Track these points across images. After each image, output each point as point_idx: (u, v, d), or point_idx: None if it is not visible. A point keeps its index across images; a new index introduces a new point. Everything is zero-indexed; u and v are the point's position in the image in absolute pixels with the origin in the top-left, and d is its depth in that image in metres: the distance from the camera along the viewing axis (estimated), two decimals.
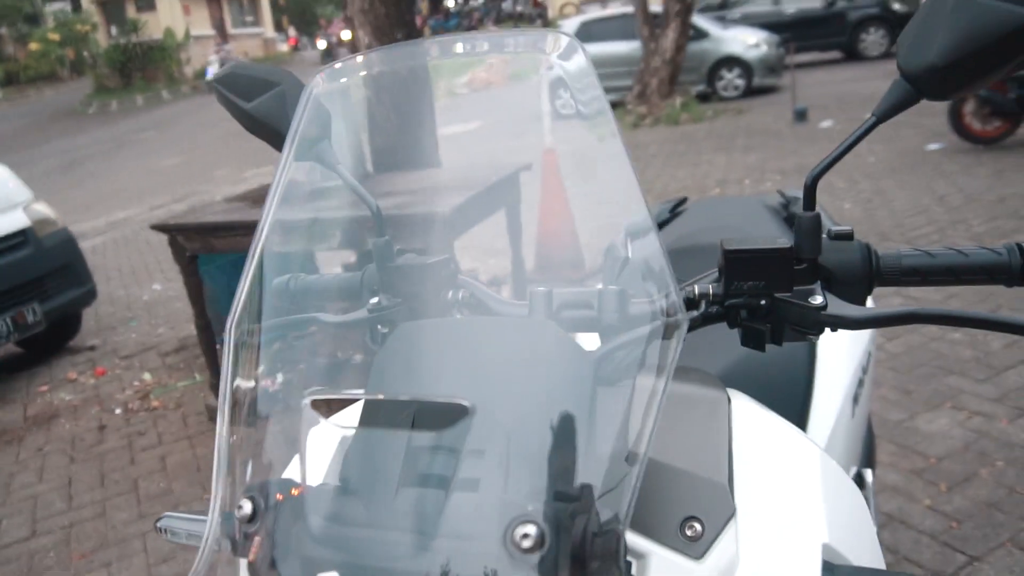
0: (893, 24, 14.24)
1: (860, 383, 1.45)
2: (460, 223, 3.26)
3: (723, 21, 13.54)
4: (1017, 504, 2.36)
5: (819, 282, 0.77)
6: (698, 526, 0.62)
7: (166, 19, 27.67)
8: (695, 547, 0.62)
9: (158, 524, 0.85)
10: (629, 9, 13.17)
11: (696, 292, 0.81)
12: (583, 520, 0.50)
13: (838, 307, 0.75)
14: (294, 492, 0.59)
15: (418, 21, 10.80)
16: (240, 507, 0.57)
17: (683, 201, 2.03)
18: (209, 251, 3.48)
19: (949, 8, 0.66)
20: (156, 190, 10.61)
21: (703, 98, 12.07)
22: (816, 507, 0.68)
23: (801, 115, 9.20)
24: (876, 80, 12.08)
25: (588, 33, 12.40)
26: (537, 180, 4.81)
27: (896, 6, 14.79)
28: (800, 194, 0.80)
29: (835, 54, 14.88)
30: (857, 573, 0.63)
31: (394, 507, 0.56)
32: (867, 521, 0.76)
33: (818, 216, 0.76)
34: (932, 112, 8.42)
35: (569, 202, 5.03)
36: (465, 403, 0.56)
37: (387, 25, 3.92)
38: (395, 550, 0.54)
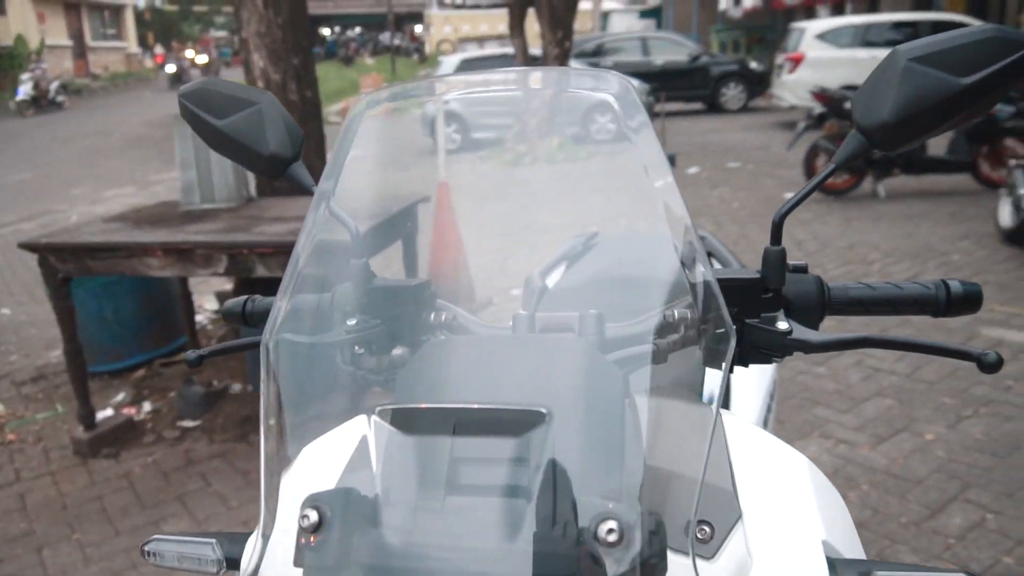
0: (751, 80, 15.35)
1: (768, 409, 1.56)
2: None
3: (596, 68, 14.13)
4: (881, 523, 2.57)
5: (782, 310, 0.85)
6: (708, 529, 0.67)
7: (17, 25, 25.83)
8: (706, 548, 0.66)
9: (145, 548, 0.81)
10: (507, 50, 13.54)
11: (675, 316, 0.87)
12: (647, 520, 0.54)
13: (801, 332, 0.83)
14: (362, 501, 0.59)
15: None
16: (306, 516, 0.57)
17: (595, 235, 2.12)
18: (84, 273, 3.27)
19: (898, 75, 0.77)
20: (1, 207, 9.82)
21: (576, 140, 12.51)
22: (811, 508, 0.74)
23: (671, 160, 9.67)
24: (735, 132, 12.96)
25: (468, 70, 12.63)
26: (431, 212, 4.84)
27: (753, 65, 15.96)
28: (705, 233, 0.90)
29: (698, 105, 15.83)
30: (857, 564, 0.69)
31: (469, 512, 0.57)
32: (849, 519, 0.83)
33: (783, 251, 0.84)
34: (788, 165, 9.12)
35: (461, 234, 5.09)
36: (542, 410, 0.58)
37: (283, 50, 3.86)
38: (477, 555, 0.55)
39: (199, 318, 4.70)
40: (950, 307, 0.87)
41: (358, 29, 37.14)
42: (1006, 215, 5.79)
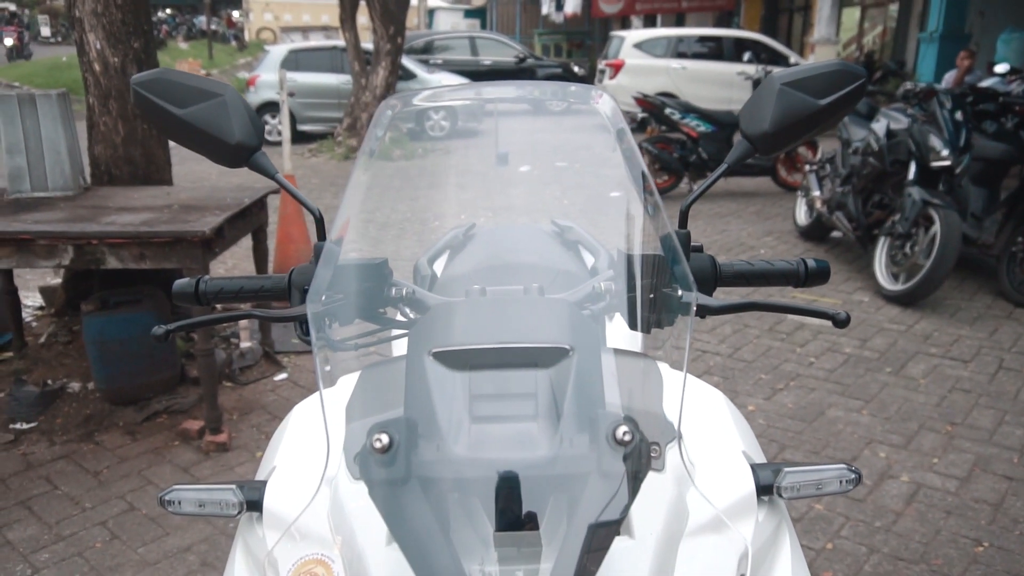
0: (574, 82, 16.03)
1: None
2: (218, 244, 3.18)
3: (427, 65, 14.25)
4: None
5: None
6: (656, 447, 0.84)
7: None
8: (656, 463, 0.84)
9: (165, 497, 0.87)
10: (336, 42, 13.35)
11: (602, 287, 1.05)
12: (639, 430, 0.70)
13: (703, 299, 1.02)
14: (423, 425, 0.70)
15: None
16: (378, 439, 0.67)
17: (472, 226, 2.27)
18: None
19: (774, 96, 1.01)
20: None
21: (413, 136, 12.57)
22: (730, 428, 0.94)
23: (503, 159, 10.02)
24: (562, 132, 13.48)
25: (296, 62, 12.35)
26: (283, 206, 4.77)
27: (576, 68, 16.72)
28: (570, 223, 1.14)
29: (524, 106, 16.35)
30: (769, 466, 0.89)
31: (511, 429, 0.71)
32: (753, 436, 1.04)
33: (688, 234, 1.04)
34: (612, 165, 9.67)
35: (305, 227, 5.05)
36: (566, 346, 0.73)
37: (123, 32, 3.69)
38: (521, 461, 0.68)
39: (23, 314, 4.37)
40: (807, 279, 1.12)
41: (168, 10, 34.91)
42: (802, 214, 6.55)
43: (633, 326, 1.04)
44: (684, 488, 0.86)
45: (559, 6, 24.64)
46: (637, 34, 14.32)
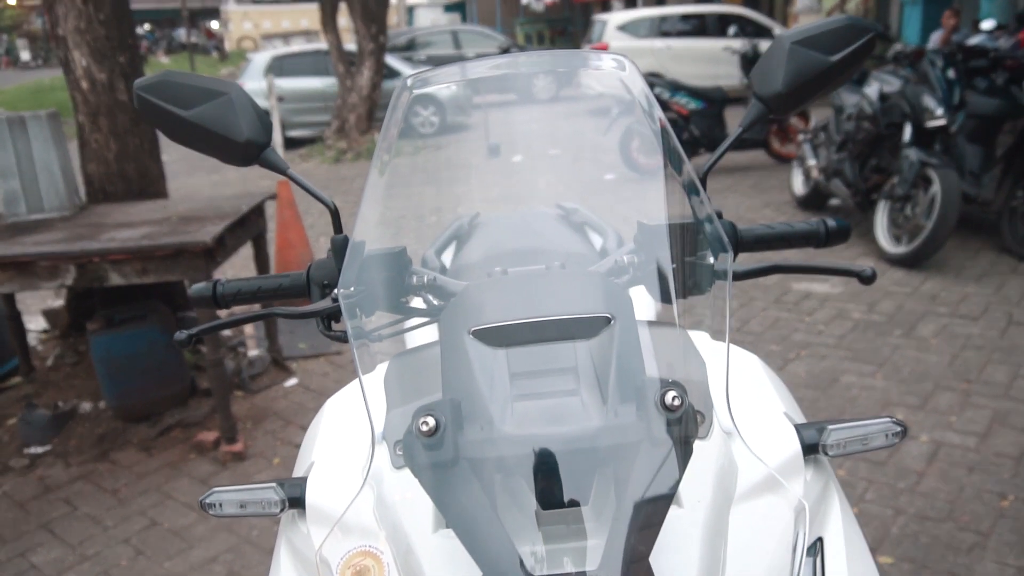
0: (559, 73, 15.97)
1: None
2: (220, 253, 3.17)
3: (411, 62, 14.19)
4: None
5: (708, 248, 1.03)
6: (701, 416, 0.83)
7: None
8: (702, 430, 0.83)
9: (206, 500, 0.86)
10: (319, 46, 13.29)
11: (625, 260, 1.03)
12: (687, 395, 0.69)
13: (726, 265, 1.01)
14: (468, 406, 0.69)
15: None
16: (425, 422, 0.66)
17: (477, 215, 2.25)
18: None
19: (785, 54, 1.00)
20: None
21: (402, 134, 12.55)
22: (769, 391, 0.93)
23: (495, 150, 10.00)
24: (551, 120, 13.48)
25: (280, 68, 12.30)
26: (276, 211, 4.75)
27: (513, 96, 16.62)
28: (577, 205, 1.13)
29: (511, 96, 16.31)
30: (813, 425, 0.88)
31: (557, 402, 0.70)
32: (792, 397, 1.03)
33: (707, 200, 1.02)
34: (604, 150, 9.67)
35: (306, 231, 5.03)
36: (608, 315, 0.72)
37: (108, 48, 3.66)
38: (571, 434, 0.67)
39: (28, 339, 4.36)
40: (828, 239, 1.11)
41: (147, 26, 34.75)
42: (799, 184, 6.53)
43: (664, 297, 1.02)
44: (731, 452, 0.85)
45: None
46: (620, 16, 14.27)
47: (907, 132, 4.94)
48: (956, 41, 8.49)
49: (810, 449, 0.90)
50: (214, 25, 34.72)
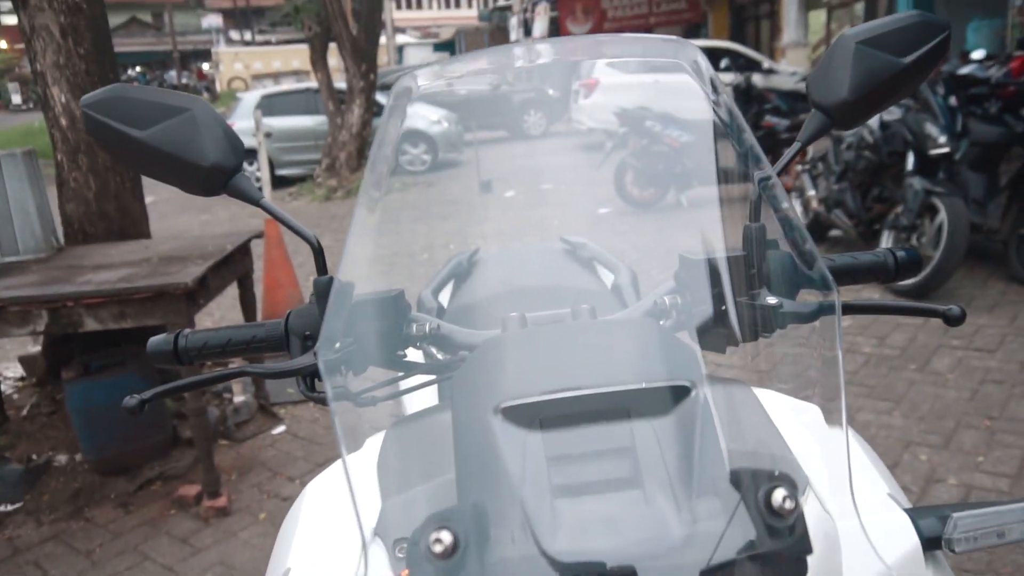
0: (550, 106, 16.02)
1: None
2: (202, 295, 3.00)
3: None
4: None
5: (764, 287, 0.87)
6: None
7: None
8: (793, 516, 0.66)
9: None
10: (309, 84, 13.25)
11: (667, 303, 0.87)
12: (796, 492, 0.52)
13: (789, 305, 0.85)
14: (498, 512, 0.51)
15: None
16: (438, 540, 0.49)
17: (476, 251, 2.09)
18: None
19: (850, 57, 0.85)
20: None
21: (392, 172, 12.48)
22: (864, 464, 0.76)
23: (487, 186, 9.90)
24: (543, 156, 13.43)
25: (270, 107, 12.21)
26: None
27: (550, 91, 16.68)
28: (583, 239, 0.95)
29: (502, 132, 16.30)
30: (931, 511, 0.71)
31: (621, 505, 0.52)
32: (884, 467, 0.86)
33: (764, 227, 0.87)
34: (597, 183, 9.58)
35: (295, 271, 4.87)
36: (686, 383, 0.55)
37: (88, 83, 3.52)
38: (647, 549, 0.50)
39: (2, 387, 4.16)
40: (898, 272, 0.95)
41: (138, 68, 34.88)
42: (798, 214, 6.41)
43: (713, 345, 0.86)
44: (837, 552, 0.67)
45: (527, 32, 24.75)
46: None
47: (910, 160, 4.84)
48: (947, 71, 8.49)
49: (931, 543, 0.71)
50: (205, 66, 34.86)
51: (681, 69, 0.96)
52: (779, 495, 0.51)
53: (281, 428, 3.67)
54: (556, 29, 22.78)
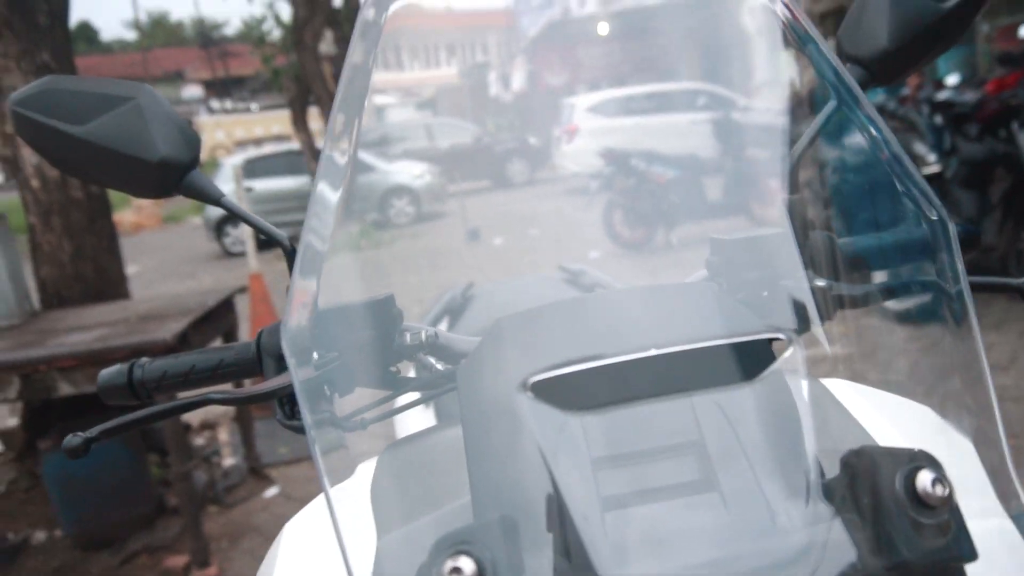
0: (532, 154, 16.12)
1: None
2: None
3: (386, 155, 14.23)
4: None
5: (809, 268, 0.76)
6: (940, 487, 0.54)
7: None
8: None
9: None
10: (291, 146, 13.29)
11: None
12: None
13: (838, 288, 0.75)
14: (531, 523, 0.39)
15: None
16: (457, 570, 0.36)
17: (471, 286, 1.98)
18: None
19: (887, 3, 0.75)
20: None
21: (379, 225, 12.46)
22: (968, 466, 0.63)
23: (474, 234, 9.86)
24: (527, 202, 13.43)
25: (253, 170, 12.23)
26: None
27: (532, 140, 16.81)
28: (582, 266, 0.86)
29: (486, 182, 16.36)
30: None
31: (696, 504, 0.40)
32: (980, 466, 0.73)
33: (803, 199, 0.76)
34: (587, 224, 9.55)
35: None
36: (781, 336, 0.43)
37: None
38: (746, 555, 0.37)
39: None
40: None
41: None
42: None
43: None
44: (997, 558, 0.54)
45: (506, 85, 25.09)
46: (588, 99, 14.45)
47: None
48: (924, 97, 8.57)
49: None
50: None
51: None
52: (925, 478, 0.38)
53: (274, 490, 3.49)
54: (535, 82, 23.11)
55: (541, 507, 0.41)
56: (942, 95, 7.64)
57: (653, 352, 0.47)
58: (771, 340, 0.53)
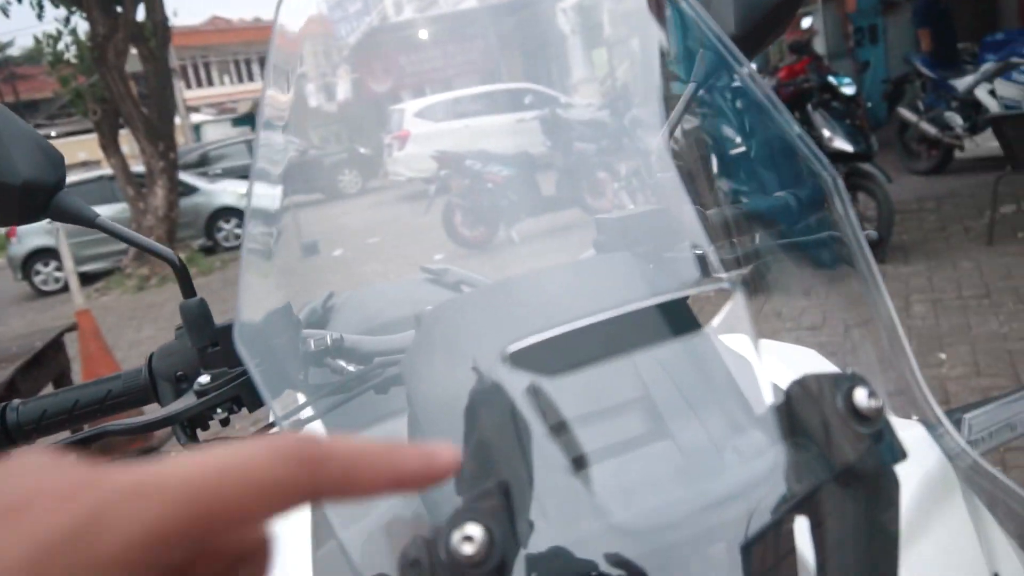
0: (363, 163, 15.95)
1: None
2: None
3: (207, 176, 13.60)
4: None
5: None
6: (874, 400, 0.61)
7: None
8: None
9: None
10: (102, 172, 12.43)
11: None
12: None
13: (729, 249, 0.83)
14: (523, 487, 0.41)
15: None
16: (468, 537, 0.37)
17: (331, 296, 1.96)
18: None
19: None
20: None
21: (208, 251, 11.88)
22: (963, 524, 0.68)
23: (312, 248, 9.63)
24: (363, 211, 13.27)
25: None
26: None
27: (362, 150, 16.64)
28: (444, 265, 0.95)
29: (318, 195, 16.02)
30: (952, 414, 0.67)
31: (679, 445, 0.45)
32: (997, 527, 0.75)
33: (677, 175, 0.85)
34: (426, 228, 9.58)
35: (120, 365, 4.44)
36: (726, 285, 0.50)
37: None
38: (727, 488, 0.43)
39: None
40: (801, 213, 0.96)
41: None
42: None
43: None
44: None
45: (328, 96, 24.62)
46: (415, 104, 14.45)
47: (714, 164, 5.19)
48: (723, 87, 9.31)
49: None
50: None
51: None
52: (862, 394, 0.43)
53: None
54: (359, 90, 22.83)
55: (525, 471, 0.44)
56: (737, 83, 8.33)
57: (613, 313, 0.51)
58: (685, 299, 0.60)
